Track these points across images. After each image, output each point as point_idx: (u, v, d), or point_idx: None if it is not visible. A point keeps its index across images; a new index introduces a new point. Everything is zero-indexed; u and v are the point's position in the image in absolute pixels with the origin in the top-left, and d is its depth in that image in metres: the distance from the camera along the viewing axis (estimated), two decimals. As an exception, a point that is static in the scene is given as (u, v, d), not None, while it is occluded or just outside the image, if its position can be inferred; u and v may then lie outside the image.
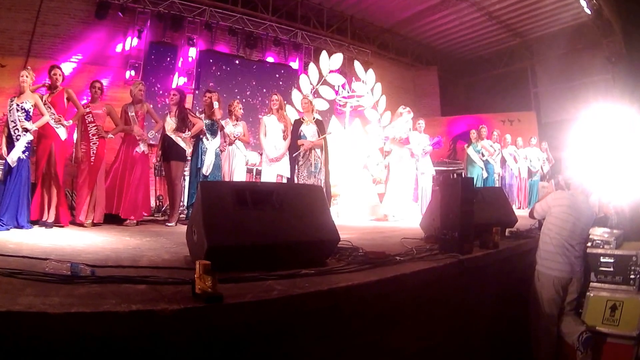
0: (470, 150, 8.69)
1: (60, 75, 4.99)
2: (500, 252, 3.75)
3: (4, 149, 4.55)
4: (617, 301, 3.66)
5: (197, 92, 9.92)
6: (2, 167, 4.70)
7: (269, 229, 2.64)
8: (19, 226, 4.37)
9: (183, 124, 5.71)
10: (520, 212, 6.44)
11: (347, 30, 12.97)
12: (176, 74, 10.18)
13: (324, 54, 8.08)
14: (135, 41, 9.64)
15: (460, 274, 3.13)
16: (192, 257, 2.80)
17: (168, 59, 10.21)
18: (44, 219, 4.72)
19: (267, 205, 2.75)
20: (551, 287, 3.76)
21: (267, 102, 7.51)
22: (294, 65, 11.93)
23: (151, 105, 6.14)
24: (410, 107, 7.17)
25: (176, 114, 5.76)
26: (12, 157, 4.46)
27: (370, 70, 8.34)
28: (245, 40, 11.28)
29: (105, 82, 9.20)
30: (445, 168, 10.15)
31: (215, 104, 5.90)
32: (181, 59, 10.30)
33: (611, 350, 3.55)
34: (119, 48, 9.64)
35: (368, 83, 8.23)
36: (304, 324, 2.13)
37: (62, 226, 4.77)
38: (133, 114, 5.50)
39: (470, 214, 3.44)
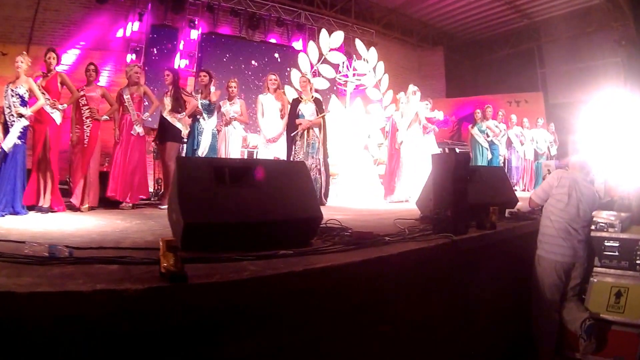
0: (474, 131, 8.49)
1: (54, 58, 4.94)
2: (498, 234, 3.58)
3: (0, 135, 4.54)
4: (623, 287, 3.49)
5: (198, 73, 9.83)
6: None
7: (248, 207, 2.55)
8: (14, 212, 4.36)
9: (177, 103, 5.66)
10: (526, 195, 6.26)
11: (351, 10, 12.70)
12: (177, 56, 10.11)
13: (323, 32, 7.87)
14: (136, 25, 9.55)
15: (454, 256, 3.00)
16: (174, 237, 2.75)
17: (170, 42, 10.10)
18: (39, 204, 4.71)
19: (246, 182, 2.66)
20: (553, 272, 3.61)
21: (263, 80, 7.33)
22: (297, 45, 11.74)
23: (152, 88, 6.08)
24: None
25: (171, 94, 5.71)
26: (7, 143, 4.44)
27: (373, 49, 8.13)
28: (248, 22, 11.13)
29: (108, 67, 9.29)
30: (450, 147, 9.92)
31: (212, 88, 5.81)
32: (182, 42, 10.21)
33: (616, 338, 3.40)
34: (120, 33, 9.56)
35: (370, 62, 8.03)
36: (277, 308, 2.05)
37: (57, 211, 4.75)
38: (128, 96, 5.44)
39: (464, 192, 3.28)
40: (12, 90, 4.53)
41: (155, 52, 9.84)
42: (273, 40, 11.57)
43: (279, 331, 2.05)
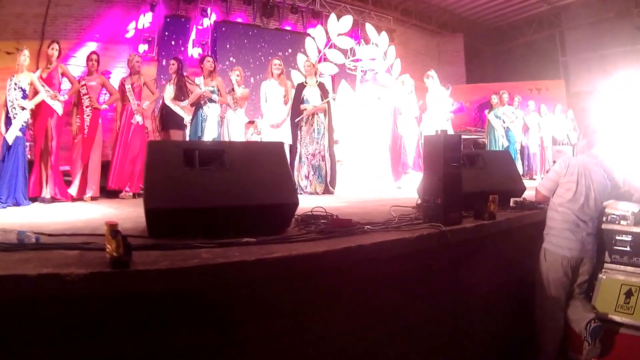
0: (491, 116, 8.17)
1: (56, 50, 4.99)
2: (497, 224, 3.28)
3: (2, 128, 4.63)
4: (634, 286, 3.13)
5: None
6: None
7: (217, 192, 2.46)
8: (17, 203, 4.44)
9: (181, 92, 5.66)
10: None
11: (368, -4, 12.43)
12: (190, 46, 10.07)
13: (332, 16, 7.63)
14: (149, 16, 9.54)
15: (443, 248, 2.76)
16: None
17: (182, 31, 10.07)
18: (42, 195, 4.78)
19: (216, 165, 2.56)
20: (559, 268, 3.28)
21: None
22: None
23: (164, 77, 6.04)
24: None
25: (175, 82, 5.68)
26: (10, 135, 4.53)
27: (384, 33, 7.85)
28: (262, 9, 10.98)
29: (122, 59, 9.30)
30: (464, 136, 9.56)
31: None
32: (195, 31, 10.17)
33: (624, 343, 3.06)
34: (132, 26, 9.56)
35: (381, 46, 7.74)
36: (228, 298, 1.95)
37: (60, 201, 4.81)
38: (129, 86, 5.44)
39: (456, 177, 3.00)
40: (15, 84, 4.61)
41: (168, 42, 9.83)
42: (288, 28, 11.40)
43: (228, 323, 1.94)
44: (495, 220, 3.26)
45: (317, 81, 6.08)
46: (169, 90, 5.66)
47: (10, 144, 4.50)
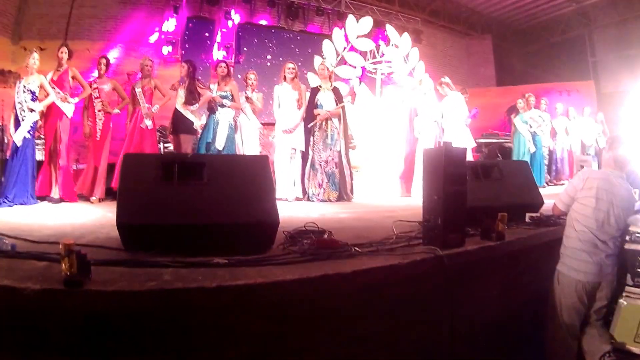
0: (517, 121, 7.75)
1: (66, 53, 5.03)
2: (506, 246, 2.95)
3: (12, 129, 4.71)
4: None
5: (236, 65, 9.74)
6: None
7: (192, 208, 2.32)
8: (23, 203, 4.51)
9: (191, 96, 5.58)
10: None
11: (394, -3, 12.18)
12: (215, 48, 10.06)
13: (350, 17, 7.39)
14: (172, 21, 9.58)
15: (439, 274, 2.47)
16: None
17: (206, 33, 10.12)
18: (51, 195, 4.85)
19: (195, 180, 2.42)
20: (573, 293, 2.96)
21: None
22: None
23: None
24: (464, 77, 6.54)
25: (186, 86, 5.61)
26: (18, 137, 4.60)
27: (406, 34, 7.52)
28: (286, 11, 10.90)
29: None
30: (490, 140, 9.13)
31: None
32: (219, 33, 10.16)
33: None
34: (154, 35, 9.60)
35: (402, 48, 7.44)
36: (185, 324, 1.80)
37: (67, 202, 4.85)
38: (140, 89, 5.40)
39: (460, 195, 2.70)
40: (25, 87, 4.66)
41: (192, 44, 9.87)
42: (313, 30, 11.26)
43: (186, 349, 1.80)
44: (504, 240, 2.94)
45: (331, 85, 5.90)
46: (180, 95, 5.58)
47: (18, 145, 4.57)
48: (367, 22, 7.21)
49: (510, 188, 3.71)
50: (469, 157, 6.95)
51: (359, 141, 7.29)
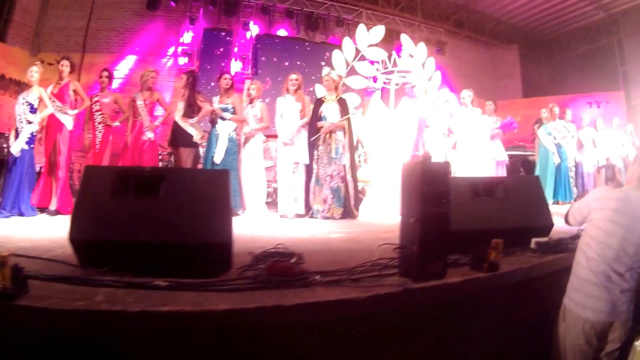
0: (540, 132, 7.32)
1: (67, 66, 5.07)
2: (499, 277, 2.53)
3: (12, 140, 4.76)
4: None
5: (254, 77, 9.68)
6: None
7: (145, 225, 2.17)
8: (21, 214, 4.54)
9: (190, 109, 5.46)
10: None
11: (417, 8, 11.94)
12: (232, 60, 10.10)
13: (361, 26, 7.18)
14: (189, 35, 9.65)
15: (411, 312, 2.16)
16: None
17: (223, 45, 10.17)
18: (49, 207, 4.85)
19: (151, 194, 2.27)
20: (580, 333, 2.54)
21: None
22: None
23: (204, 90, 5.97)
24: (490, 88, 6.34)
25: (185, 99, 5.52)
26: (16, 148, 4.64)
27: (422, 44, 7.22)
28: (305, 22, 10.86)
29: (164, 73, 9.52)
30: (512, 152, 8.64)
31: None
32: (237, 45, 10.18)
33: None
34: (171, 49, 9.72)
35: (418, 58, 7.16)
36: (108, 351, 1.66)
37: (64, 214, 4.79)
38: (141, 102, 5.33)
39: (441, 218, 2.32)
40: (24, 99, 4.72)
41: (209, 55, 9.92)
42: (334, 42, 11.13)
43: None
44: (497, 272, 2.53)
45: (337, 96, 5.65)
46: (179, 107, 5.50)
47: (16, 156, 4.60)
48: (378, 31, 6.98)
49: (516, 208, 3.29)
50: (502, 172, 6.64)
51: (371, 154, 7.03)
